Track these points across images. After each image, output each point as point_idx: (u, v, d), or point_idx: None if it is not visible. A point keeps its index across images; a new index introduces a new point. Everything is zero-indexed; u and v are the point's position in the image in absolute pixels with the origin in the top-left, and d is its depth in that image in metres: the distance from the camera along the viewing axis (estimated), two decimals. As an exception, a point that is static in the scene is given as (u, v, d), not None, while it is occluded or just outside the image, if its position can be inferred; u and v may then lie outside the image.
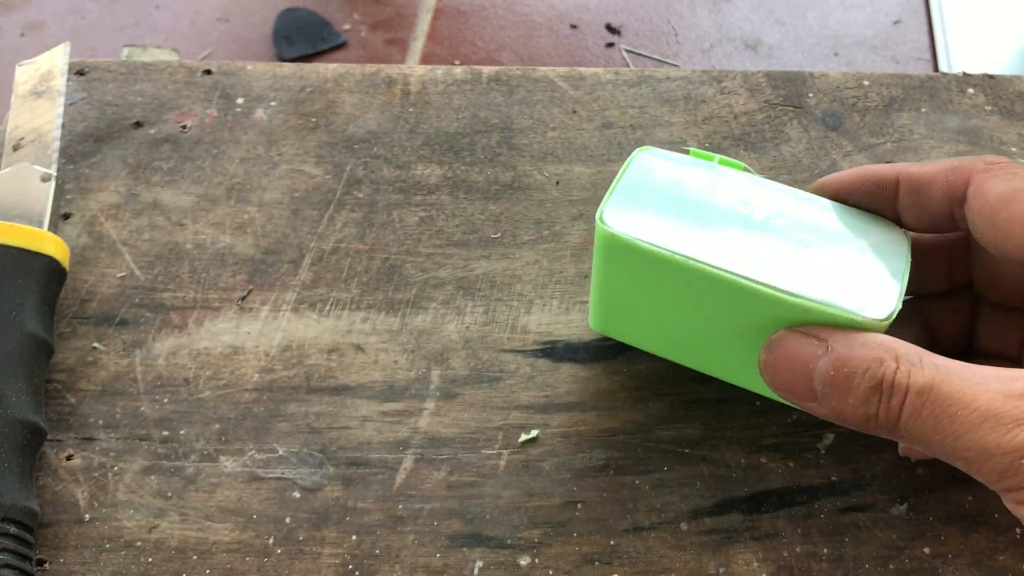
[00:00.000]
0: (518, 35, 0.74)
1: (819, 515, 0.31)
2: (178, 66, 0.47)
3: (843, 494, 0.32)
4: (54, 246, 0.36)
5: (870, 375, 0.24)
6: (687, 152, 0.31)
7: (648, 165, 0.31)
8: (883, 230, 0.29)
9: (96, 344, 0.36)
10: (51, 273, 0.36)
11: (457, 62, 0.74)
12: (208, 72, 0.46)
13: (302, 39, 0.77)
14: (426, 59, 0.74)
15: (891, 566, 0.30)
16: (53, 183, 0.39)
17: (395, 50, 0.76)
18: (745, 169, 0.31)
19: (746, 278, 0.27)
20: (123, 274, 0.39)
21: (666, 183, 0.30)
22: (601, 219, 0.28)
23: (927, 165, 0.28)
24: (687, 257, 0.27)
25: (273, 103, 0.45)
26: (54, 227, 0.38)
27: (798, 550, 0.30)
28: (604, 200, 0.29)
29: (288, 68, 0.46)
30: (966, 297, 0.32)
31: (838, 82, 0.44)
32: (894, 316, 0.26)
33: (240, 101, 0.45)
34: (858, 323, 0.26)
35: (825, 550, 0.30)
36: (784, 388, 0.27)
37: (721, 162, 0.31)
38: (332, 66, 0.47)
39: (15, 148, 0.41)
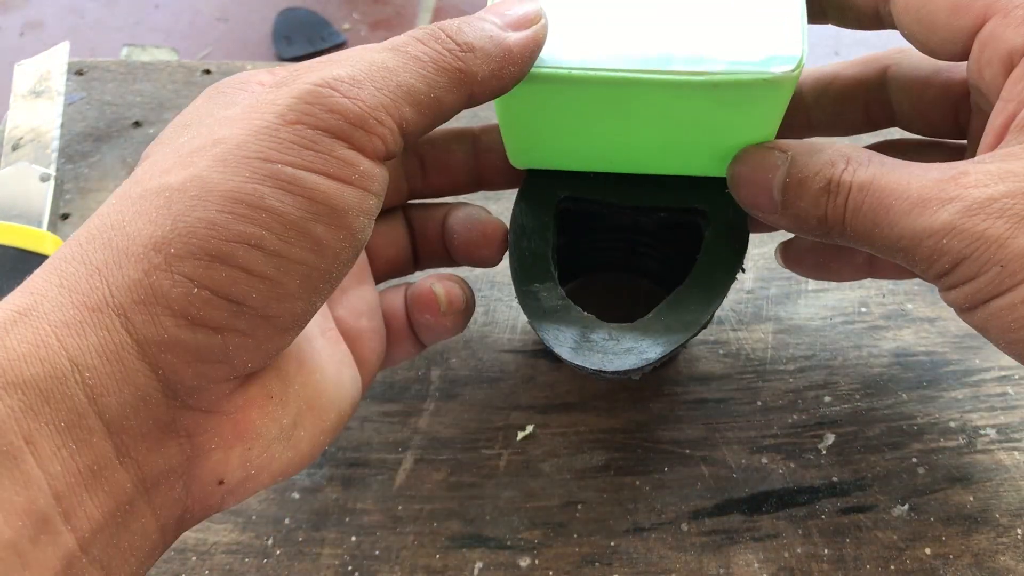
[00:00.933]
0: (518, 34, 0.74)
1: (820, 516, 0.31)
2: (177, 66, 0.47)
3: (844, 495, 0.31)
4: (53, 246, 0.36)
5: (820, 176, 0.24)
6: None
7: None
8: None
9: (95, 344, 0.36)
10: (50, 273, 0.36)
11: (457, 61, 0.74)
12: (207, 72, 0.46)
13: (301, 38, 0.77)
14: (426, 58, 0.74)
15: (892, 567, 0.30)
16: (52, 183, 0.39)
17: (395, 49, 0.76)
18: None
19: (644, 71, 0.25)
20: (122, 274, 0.39)
21: None
22: None
23: None
24: (584, 70, 0.25)
25: (273, 103, 0.45)
26: (53, 227, 0.38)
27: (799, 551, 0.30)
28: None
29: (288, 68, 0.46)
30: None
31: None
32: (803, 62, 0.24)
33: (239, 101, 0.45)
34: (769, 81, 0.24)
35: (826, 551, 0.30)
36: (749, 202, 0.27)
37: None
38: (332, 66, 0.46)
39: (14, 148, 0.40)
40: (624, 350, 0.27)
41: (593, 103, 0.26)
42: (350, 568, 0.30)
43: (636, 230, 0.33)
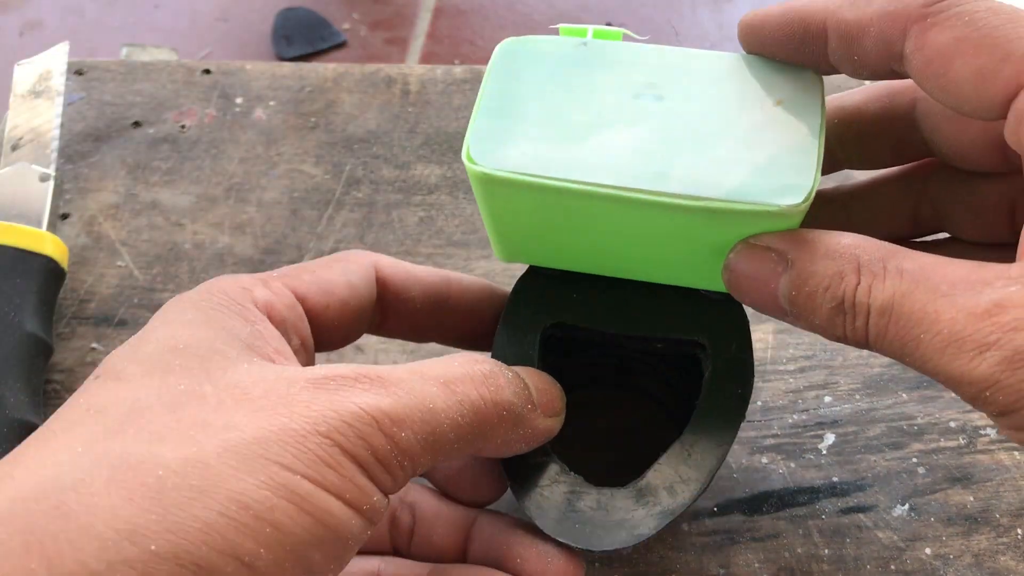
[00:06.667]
0: (518, 34, 0.74)
1: (820, 516, 0.31)
2: (177, 66, 0.47)
3: (844, 495, 0.31)
4: (53, 246, 0.36)
5: (831, 294, 0.21)
6: (557, 33, 0.26)
7: (512, 67, 0.25)
8: (792, 79, 0.25)
9: (95, 344, 0.36)
10: (49, 273, 0.36)
11: (457, 61, 0.74)
12: (207, 72, 0.46)
13: (301, 38, 0.77)
14: (426, 58, 0.74)
15: (892, 567, 0.30)
16: (52, 183, 0.39)
17: (395, 49, 0.76)
18: (625, 36, 0.26)
19: (640, 191, 0.23)
20: (122, 274, 0.39)
21: (536, 85, 0.25)
22: (469, 156, 0.23)
23: (859, 6, 0.22)
24: (573, 181, 0.23)
25: (272, 103, 0.45)
26: (53, 227, 0.38)
27: (799, 551, 0.30)
28: (470, 126, 0.24)
29: (287, 67, 0.46)
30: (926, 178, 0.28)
31: (839, 81, 0.44)
32: (812, 195, 0.22)
33: (239, 101, 0.45)
34: (773, 214, 0.22)
35: (826, 551, 0.30)
36: (755, 305, 0.24)
37: (596, 35, 0.26)
38: (331, 65, 0.46)
39: (14, 148, 0.40)
40: (615, 523, 0.24)
41: (583, 213, 0.24)
42: (350, 568, 0.30)
43: (629, 352, 0.31)
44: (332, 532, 0.18)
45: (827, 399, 0.34)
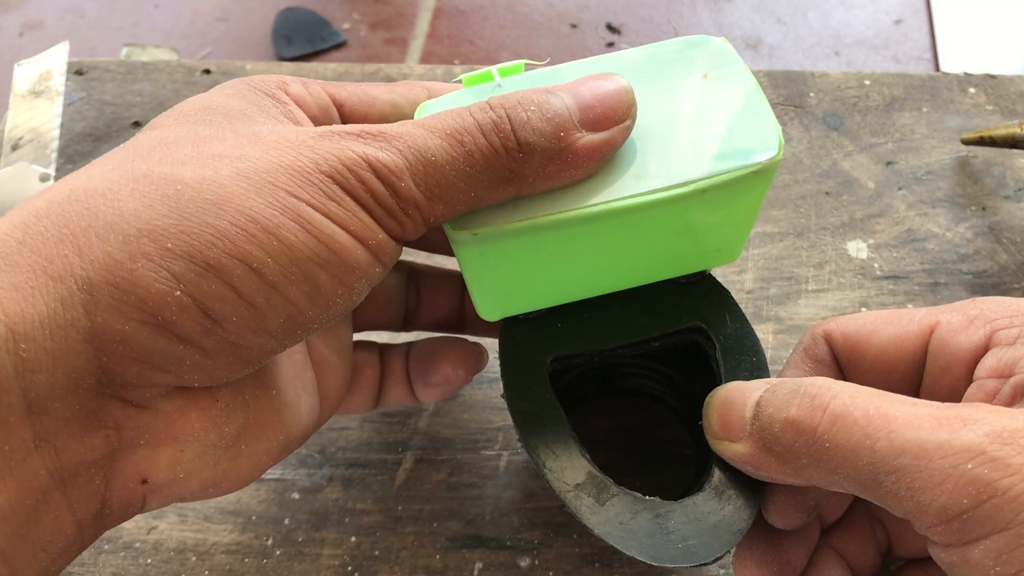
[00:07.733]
0: (518, 34, 0.74)
1: (820, 516, 0.31)
2: (177, 65, 0.47)
3: (844, 495, 0.31)
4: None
5: (796, 386, 0.22)
6: (461, 84, 0.25)
7: None
8: (701, 51, 0.25)
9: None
10: (50, 273, 0.36)
11: (457, 61, 0.74)
12: (207, 72, 0.46)
13: (301, 38, 0.77)
14: (426, 58, 0.74)
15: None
16: (52, 183, 0.39)
17: (395, 49, 0.76)
18: (527, 64, 0.26)
19: (631, 196, 0.23)
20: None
21: None
22: (451, 226, 0.23)
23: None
24: (566, 211, 0.23)
25: (272, 103, 0.45)
26: (53, 227, 0.38)
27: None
28: None
29: (287, 67, 0.46)
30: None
31: (839, 81, 0.44)
32: (782, 144, 0.23)
33: (239, 101, 0.45)
34: (757, 172, 0.23)
35: (826, 551, 0.30)
36: (720, 422, 0.25)
37: (503, 74, 0.25)
38: (332, 65, 0.46)
39: (14, 148, 0.40)
40: (711, 529, 0.24)
41: (575, 241, 0.24)
42: (350, 568, 0.30)
43: (616, 360, 0.30)
44: (337, 256, 0.20)
45: (827, 399, 0.34)
